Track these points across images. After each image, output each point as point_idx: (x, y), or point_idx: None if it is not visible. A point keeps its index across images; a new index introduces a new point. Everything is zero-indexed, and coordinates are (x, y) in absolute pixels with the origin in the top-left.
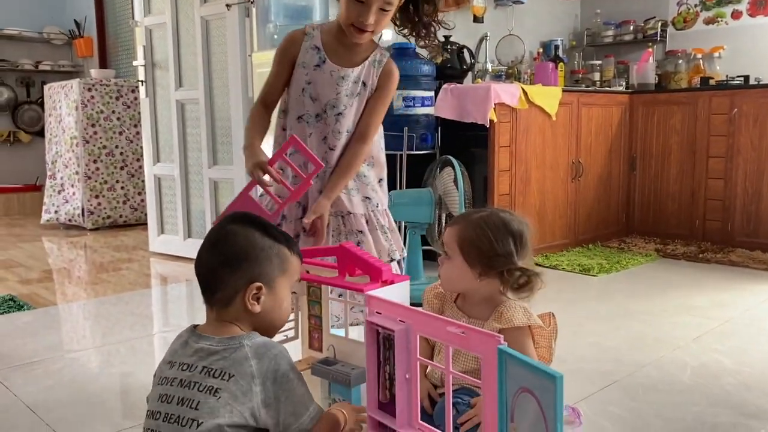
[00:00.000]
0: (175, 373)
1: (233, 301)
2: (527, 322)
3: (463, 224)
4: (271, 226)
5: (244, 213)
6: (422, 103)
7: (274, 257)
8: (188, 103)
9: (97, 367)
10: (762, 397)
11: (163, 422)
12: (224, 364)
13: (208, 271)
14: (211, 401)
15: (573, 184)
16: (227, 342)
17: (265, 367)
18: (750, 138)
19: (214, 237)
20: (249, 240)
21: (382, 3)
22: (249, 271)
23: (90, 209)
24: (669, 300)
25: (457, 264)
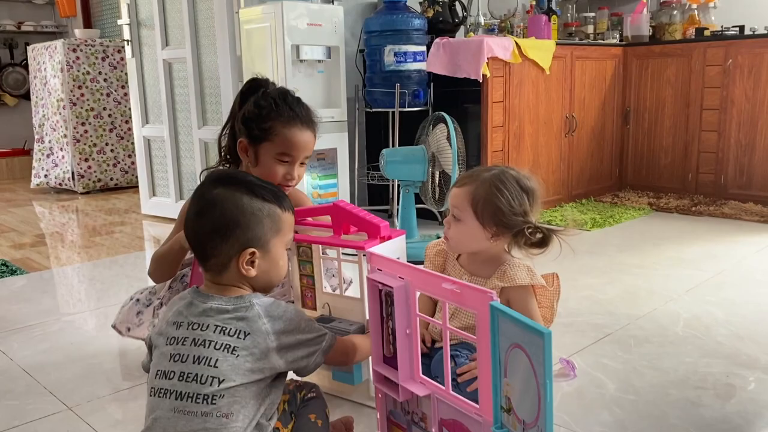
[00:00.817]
0: (185, 333)
1: (228, 267)
2: (530, 281)
3: (474, 183)
4: (259, 185)
5: (228, 173)
6: (414, 59)
7: (265, 219)
8: (175, 63)
9: (93, 329)
10: (753, 347)
11: (180, 381)
12: (238, 324)
13: (198, 239)
14: (231, 359)
15: (566, 139)
16: (236, 301)
17: (278, 324)
18: (744, 89)
19: (200, 204)
20: (237, 205)
21: (303, 158)
22: (240, 237)
23: (80, 173)
24: (662, 253)
25: (470, 225)
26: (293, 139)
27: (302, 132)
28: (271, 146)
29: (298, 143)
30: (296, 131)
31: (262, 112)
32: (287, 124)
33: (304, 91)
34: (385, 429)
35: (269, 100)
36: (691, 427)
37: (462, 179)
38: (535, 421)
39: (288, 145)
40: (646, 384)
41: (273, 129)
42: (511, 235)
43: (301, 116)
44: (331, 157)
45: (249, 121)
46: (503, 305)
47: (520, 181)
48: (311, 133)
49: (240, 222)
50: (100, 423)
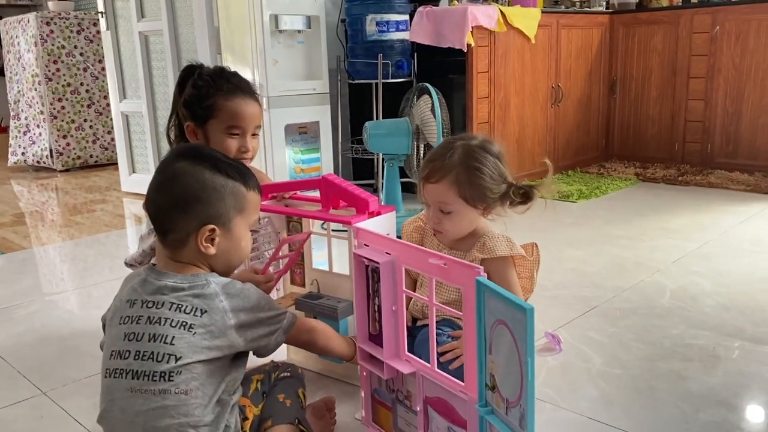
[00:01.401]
0: (140, 311)
1: (186, 244)
2: (510, 252)
3: (451, 173)
4: (224, 161)
5: (193, 146)
6: (396, 28)
7: (228, 196)
8: (152, 35)
9: (75, 308)
10: (740, 318)
11: (135, 360)
12: (194, 301)
13: (158, 212)
14: (187, 336)
15: (552, 109)
16: (192, 279)
17: (236, 302)
18: (731, 56)
19: (161, 177)
20: (198, 180)
21: (253, 129)
22: (201, 213)
23: (59, 150)
24: (648, 224)
25: (463, 213)
26: (238, 110)
27: (246, 102)
28: (218, 122)
29: (243, 113)
30: (239, 102)
31: (201, 92)
32: (229, 97)
33: (284, 62)
34: (370, 407)
35: (205, 79)
36: (678, 400)
37: (433, 172)
38: (518, 400)
39: (234, 116)
40: (632, 357)
41: (215, 105)
42: (500, 202)
43: (242, 87)
44: (313, 130)
45: (191, 104)
46: (489, 280)
47: (487, 148)
48: (255, 102)
49: (200, 197)
50: (76, 408)
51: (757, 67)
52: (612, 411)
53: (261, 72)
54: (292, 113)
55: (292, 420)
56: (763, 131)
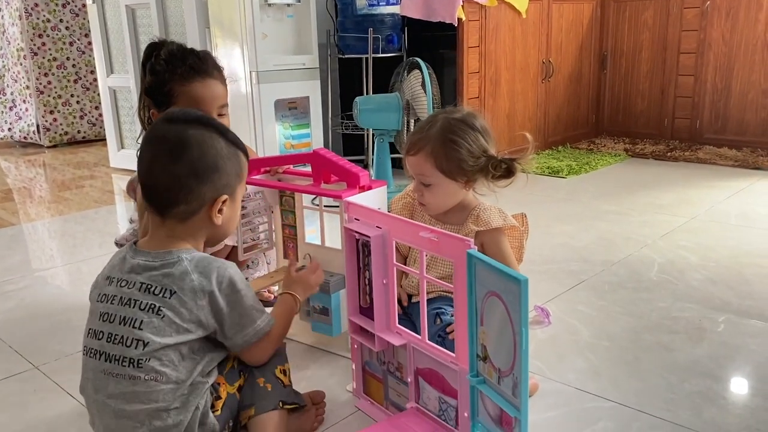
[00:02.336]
0: (114, 290)
1: (197, 214)
2: (503, 223)
3: (429, 145)
4: (226, 128)
5: (194, 113)
6: (387, 2)
7: (236, 165)
8: (139, 8)
9: (65, 284)
10: (726, 291)
11: (108, 342)
12: (164, 281)
13: (171, 182)
14: (155, 321)
15: (543, 85)
16: (164, 256)
17: (209, 280)
18: (722, 32)
19: (169, 144)
20: (216, 147)
21: (218, 108)
22: (217, 182)
23: (46, 126)
24: (637, 199)
25: (442, 185)
26: (196, 95)
27: (203, 84)
28: (179, 107)
29: (203, 97)
30: (196, 85)
31: (158, 78)
32: (185, 82)
33: (273, 36)
34: (361, 379)
35: (161, 63)
36: (664, 371)
37: (412, 145)
38: (511, 369)
39: (193, 101)
40: (619, 330)
41: (173, 91)
42: (481, 175)
43: (197, 68)
44: (303, 106)
45: (151, 91)
46: (480, 253)
47: (467, 122)
48: (214, 80)
49: (218, 165)
50: (68, 382)
51: (747, 43)
52: (599, 382)
53: (250, 46)
54: (282, 88)
55: (276, 404)
56: (752, 107)
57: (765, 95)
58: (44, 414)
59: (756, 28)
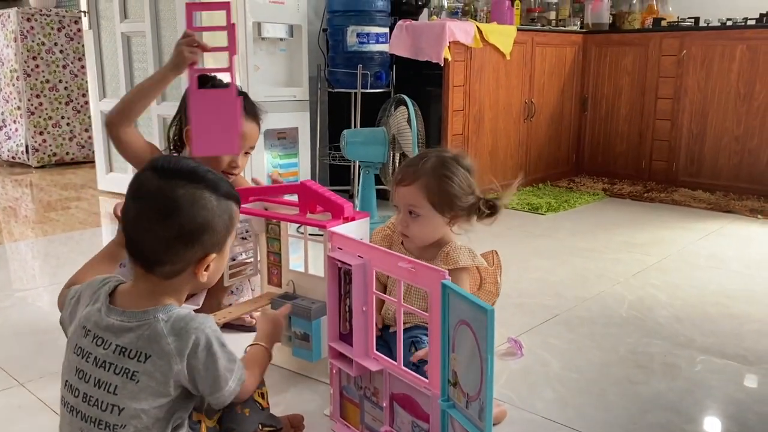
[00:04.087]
0: (90, 346)
1: (181, 273)
2: (472, 263)
3: (423, 178)
4: (218, 179)
5: (188, 164)
6: (376, 40)
7: (226, 220)
8: (134, 36)
9: (47, 305)
10: (691, 328)
11: (83, 402)
12: (139, 344)
13: (157, 243)
14: (130, 386)
15: (525, 124)
16: (141, 317)
17: (185, 344)
18: (697, 80)
19: (164, 203)
20: (207, 208)
21: (247, 148)
22: (206, 243)
23: (35, 146)
24: (612, 237)
25: (430, 218)
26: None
27: (246, 123)
28: None
29: (242, 133)
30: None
31: None
32: None
33: (265, 69)
34: (338, 403)
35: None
36: (628, 403)
37: (405, 177)
38: (478, 394)
39: None
40: (588, 363)
41: None
42: (467, 213)
43: (246, 109)
44: (292, 136)
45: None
46: (453, 283)
47: (460, 161)
48: (254, 124)
49: (209, 226)
50: (53, 398)
51: (720, 91)
52: (566, 412)
53: (243, 77)
54: (272, 119)
55: (255, 427)
56: (725, 152)
57: (737, 142)
58: (29, 429)
59: (729, 77)
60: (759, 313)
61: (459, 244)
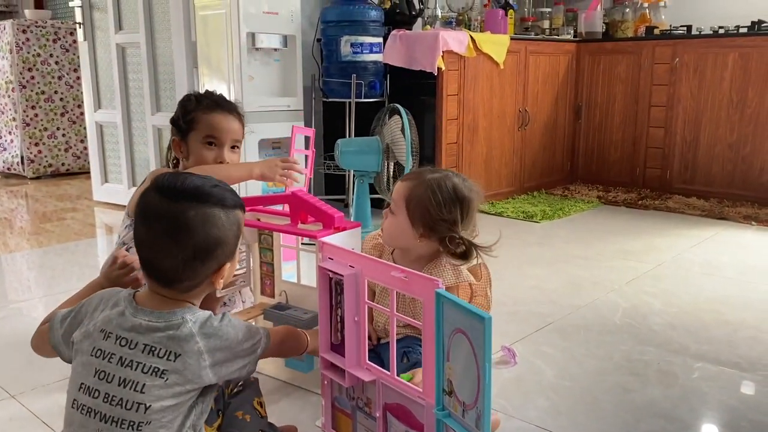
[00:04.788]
0: (113, 348)
1: (199, 286)
2: (455, 281)
3: (414, 182)
4: (224, 190)
5: (192, 182)
6: (370, 50)
7: (237, 231)
8: (129, 47)
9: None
10: (685, 335)
11: (104, 402)
12: (169, 344)
13: (174, 264)
14: (159, 383)
15: (519, 132)
16: (168, 317)
17: (213, 342)
18: (690, 87)
19: (176, 227)
20: (218, 225)
21: (231, 142)
22: (220, 256)
23: (30, 157)
24: (607, 245)
25: (401, 220)
26: (214, 123)
27: (224, 116)
28: (197, 134)
29: (220, 125)
30: (217, 115)
31: (186, 107)
32: (208, 111)
33: (259, 79)
34: (330, 414)
35: (191, 97)
36: (621, 411)
37: (408, 175)
38: (474, 403)
39: (210, 128)
40: (582, 371)
41: (195, 118)
42: (437, 239)
43: (222, 103)
44: (286, 146)
45: (176, 120)
46: (447, 292)
47: (458, 189)
48: (234, 118)
49: (221, 240)
50: (46, 411)
51: (713, 98)
52: (559, 420)
53: (237, 87)
54: (267, 128)
55: None
56: (718, 160)
57: (730, 149)
58: None
59: (721, 85)
60: (753, 320)
61: (445, 261)
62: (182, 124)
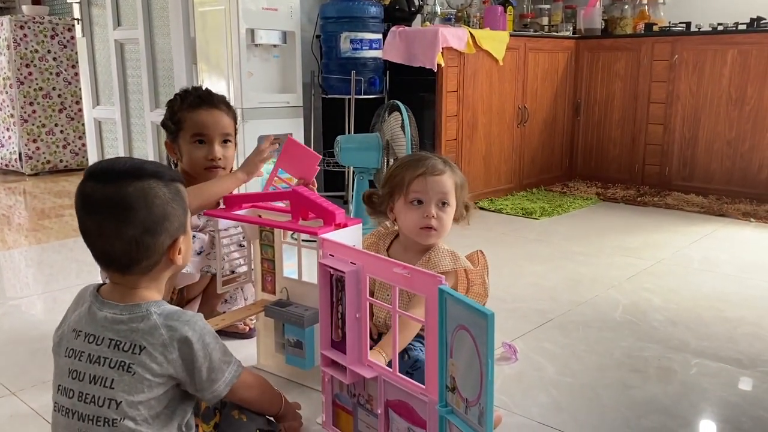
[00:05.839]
0: (82, 345)
1: (158, 264)
2: (453, 267)
3: (449, 170)
4: (159, 165)
5: (123, 163)
6: (370, 46)
7: (181, 201)
8: (128, 44)
9: (40, 313)
10: (686, 332)
11: (79, 401)
12: (133, 337)
13: (127, 246)
14: (126, 378)
15: (518, 129)
16: (132, 309)
17: (179, 335)
18: (689, 84)
19: (118, 207)
20: (160, 197)
21: (221, 136)
22: (170, 228)
23: (28, 154)
24: (606, 242)
25: (453, 208)
26: (200, 119)
27: (209, 111)
28: (185, 133)
29: (206, 122)
30: (202, 112)
31: (173, 108)
32: (192, 109)
33: (258, 75)
34: (331, 412)
35: (176, 97)
36: (622, 407)
37: (435, 166)
38: (477, 399)
39: (197, 125)
40: (583, 367)
41: (182, 117)
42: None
43: (205, 98)
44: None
45: (165, 123)
46: (450, 288)
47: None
48: (220, 112)
49: (167, 213)
50: (46, 408)
51: (712, 95)
52: (560, 416)
53: (236, 84)
54: (266, 125)
55: None
56: (717, 156)
57: (729, 146)
58: None
59: (720, 82)
60: (753, 317)
61: (442, 248)
62: (171, 126)
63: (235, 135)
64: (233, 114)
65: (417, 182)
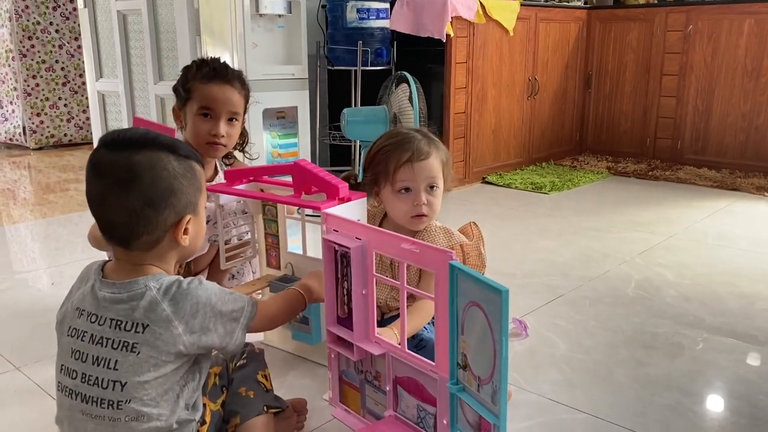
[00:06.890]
0: (85, 325)
1: (162, 241)
2: (448, 243)
3: (435, 150)
4: (175, 140)
5: (138, 132)
6: (377, 16)
7: (193, 179)
8: (130, 14)
9: (45, 287)
10: (700, 308)
11: (82, 383)
12: (134, 315)
13: (128, 216)
14: (131, 358)
15: (528, 102)
16: (130, 287)
17: (182, 306)
18: (703, 55)
19: (123, 174)
20: (168, 170)
21: (228, 113)
22: (176, 204)
23: (32, 128)
24: (618, 216)
25: (440, 191)
26: (210, 93)
27: (221, 87)
28: (193, 103)
29: (215, 97)
30: (213, 86)
31: (187, 75)
32: (205, 81)
33: (263, 46)
34: (337, 389)
35: (193, 64)
36: (636, 384)
37: (421, 150)
38: (490, 377)
39: (206, 99)
40: (595, 343)
41: (193, 87)
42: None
43: (221, 72)
44: (291, 115)
45: (177, 88)
46: (462, 264)
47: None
48: (232, 88)
49: (174, 187)
50: (50, 383)
51: (727, 67)
52: (573, 393)
53: (240, 55)
54: (271, 98)
55: (261, 409)
56: (731, 130)
57: (744, 119)
58: (25, 414)
59: (736, 53)
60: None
61: (435, 226)
62: (182, 92)
63: (244, 113)
64: (246, 92)
65: (403, 170)
